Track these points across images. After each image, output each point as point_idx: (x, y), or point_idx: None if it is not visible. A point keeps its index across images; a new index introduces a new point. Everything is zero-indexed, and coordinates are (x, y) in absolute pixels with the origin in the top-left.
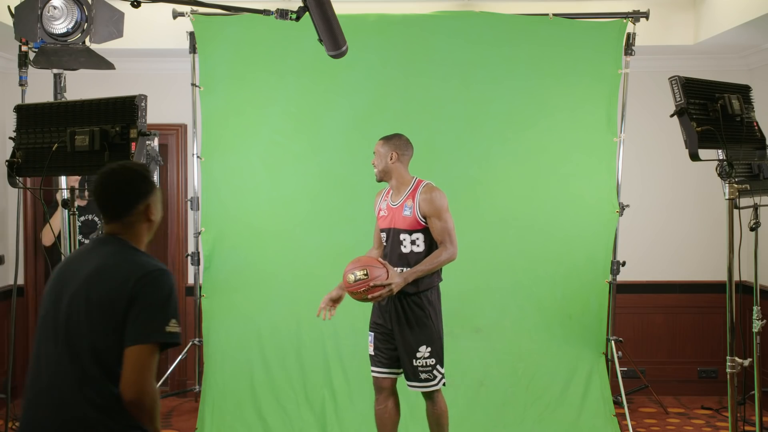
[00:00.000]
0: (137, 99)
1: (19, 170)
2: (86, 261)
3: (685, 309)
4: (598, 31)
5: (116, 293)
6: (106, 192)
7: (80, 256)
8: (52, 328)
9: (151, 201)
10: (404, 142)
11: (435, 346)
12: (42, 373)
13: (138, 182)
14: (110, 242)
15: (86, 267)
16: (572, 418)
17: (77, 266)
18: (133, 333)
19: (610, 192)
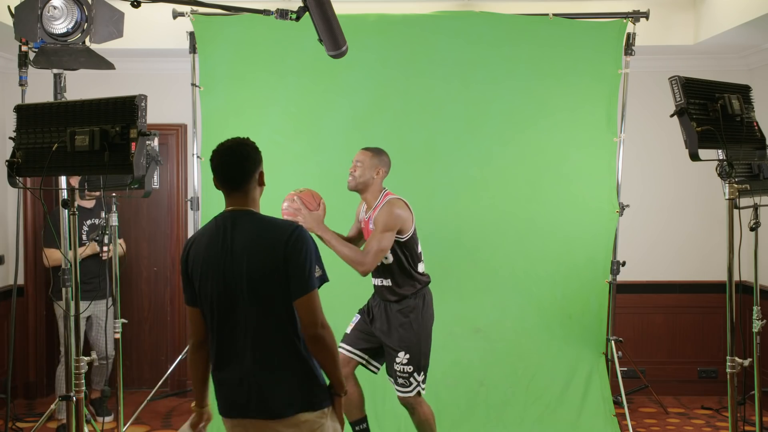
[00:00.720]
0: (137, 99)
1: (19, 170)
2: (232, 239)
3: (685, 309)
4: (598, 31)
5: (282, 254)
6: (230, 166)
7: (219, 235)
8: (230, 304)
9: (262, 168)
10: (389, 159)
11: (414, 353)
12: (233, 346)
13: (253, 153)
14: (241, 216)
15: (237, 244)
16: (572, 418)
17: (225, 246)
18: (300, 286)
19: (610, 192)
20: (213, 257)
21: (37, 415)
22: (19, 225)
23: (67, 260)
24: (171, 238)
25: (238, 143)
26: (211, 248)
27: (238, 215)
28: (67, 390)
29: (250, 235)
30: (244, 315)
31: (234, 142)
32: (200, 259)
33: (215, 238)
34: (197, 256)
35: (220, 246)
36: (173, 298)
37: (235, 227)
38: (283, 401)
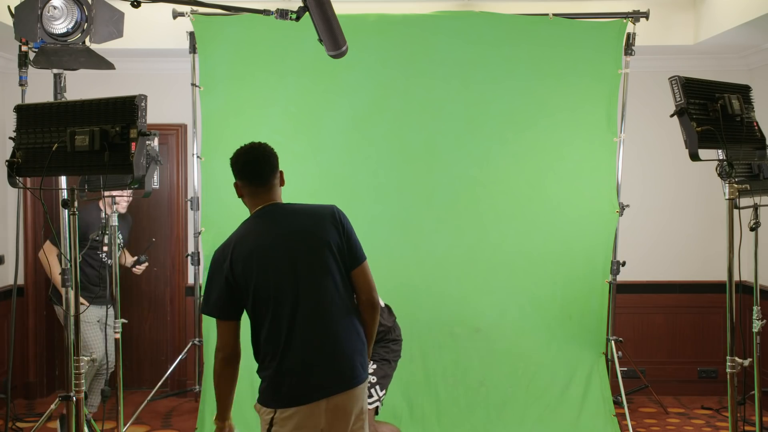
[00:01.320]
0: (137, 99)
1: (19, 170)
2: (283, 227)
3: (685, 309)
4: (598, 31)
5: (335, 231)
6: (256, 162)
7: (266, 229)
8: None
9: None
10: None
11: (382, 366)
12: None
13: (273, 152)
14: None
15: (290, 229)
16: (572, 418)
17: (278, 235)
18: (356, 255)
19: (610, 192)
20: (269, 249)
21: (37, 415)
22: (19, 225)
23: (68, 260)
24: (171, 238)
25: (258, 143)
26: (262, 243)
27: (274, 208)
28: (67, 390)
29: (299, 219)
30: (312, 295)
31: (254, 143)
32: (253, 257)
33: (263, 234)
34: (246, 256)
35: (272, 237)
36: (173, 298)
37: (277, 217)
38: (362, 366)
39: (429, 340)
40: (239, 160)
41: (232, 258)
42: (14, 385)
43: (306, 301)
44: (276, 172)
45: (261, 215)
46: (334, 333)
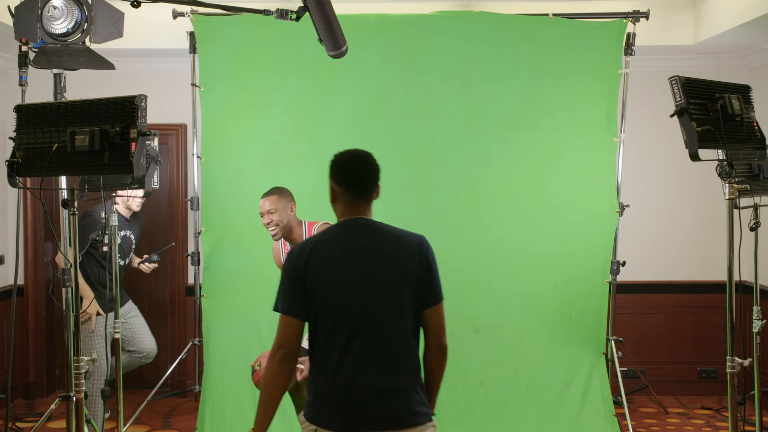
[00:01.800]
0: (137, 99)
1: (19, 170)
2: (371, 244)
3: (685, 309)
4: (598, 31)
5: (418, 263)
6: (364, 174)
7: (353, 241)
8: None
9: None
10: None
11: None
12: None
13: (378, 168)
14: (371, 224)
15: (378, 249)
16: (572, 418)
17: (364, 251)
18: (435, 294)
19: (610, 192)
20: (348, 263)
21: (37, 415)
22: (19, 225)
23: (68, 260)
24: (171, 238)
25: (366, 153)
26: (342, 254)
27: (364, 222)
28: (67, 390)
29: (385, 241)
30: (378, 321)
31: (362, 151)
32: (329, 265)
33: (346, 245)
34: (322, 262)
35: (354, 251)
36: (173, 298)
37: (364, 233)
38: (420, 408)
39: None
40: (346, 168)
41: (308, 259)
42: (14, 385)
43: (370, 326)
44: (377, 187)
45: (349, 226)
46: (392, 367)
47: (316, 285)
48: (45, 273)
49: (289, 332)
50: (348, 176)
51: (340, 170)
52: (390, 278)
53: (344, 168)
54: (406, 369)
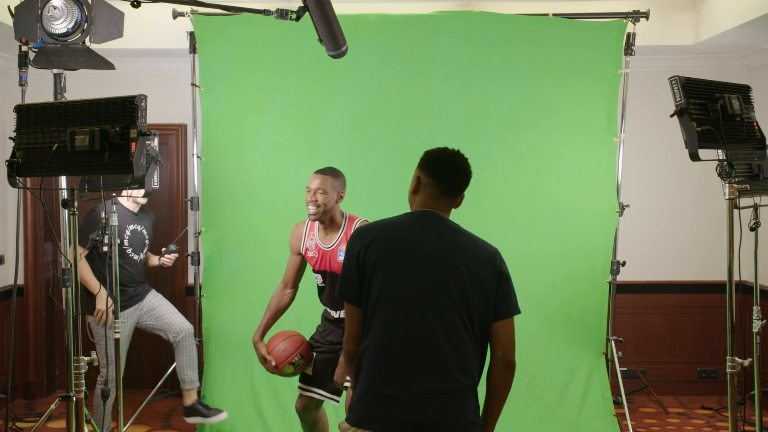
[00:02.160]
0: (137, 99)
1: (19, 170)
2: (446, 241)
3: (685, 309)
4: (598, 31)
5: (489, 272)
6: (460, 172)
7: (419, 230)
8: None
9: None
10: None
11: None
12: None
13: (471, 173)
14: (442, 219)
15: (452, 249)
16: (572, 418)
17: (438, 246)
18: (506, 307)
19: (610, 192)
20: (415, 252)
21: (37, 415)
22: (19, 225)
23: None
24: (171, 238)
25: (464, 156)
26: (411, 241)
27: (441, 218)
28: (67, 390)
29: (462, 240)
30: (443, 324)
31: (459, 152)
32: (394, 250)
33: (417, 233)
34: (386, 245)
35: (424, 242)
36: (173, 298)
37: (438, 227)
38: (475, 419)
39: None
40: (441, 160)
41: (371, 240)
42: (14, 385)
43: (434, 331)
44: (462, 191)
45: (425, 217)
46: (457, 375)
47: (374, 270)
48: (45, 273)
49: (352, 325)
50: (443, 169)
51: (435, 159)
52: (453, 278)
53: (440, 158)
54: (470, 375)
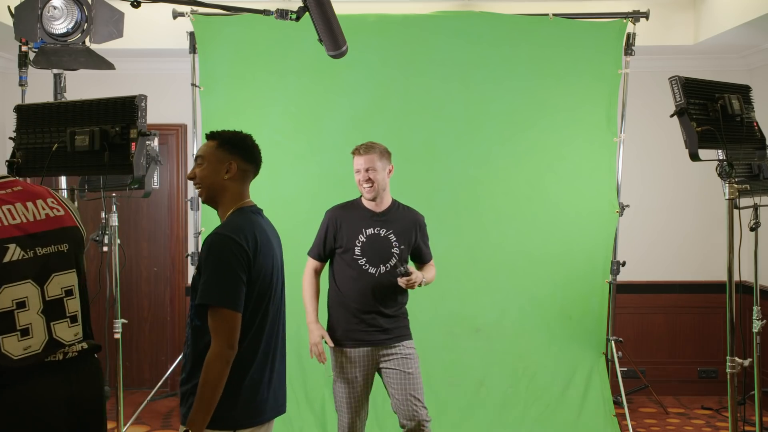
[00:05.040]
0: (137, 99)
1: (19, 170)
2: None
3: (685, 309)
4: (598, 31)
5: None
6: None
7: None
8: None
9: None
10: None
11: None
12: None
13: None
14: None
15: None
16: (572, 418)
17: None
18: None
19: (610, 192)
20: (276, 255)
21: None
22: None
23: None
24: (171, 238)
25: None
26: (273, 245)
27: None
28: None
29: (274, 229)
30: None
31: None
32: (271, 257)
33: (271, 234)
34: (267, 255)
35: (276, 242)
36: (173, 298)
37: (267, 222)
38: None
39: (428, 340)
40: (255, 144)
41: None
42: None
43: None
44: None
45: (257, 212)
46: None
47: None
48: None
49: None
50: (255, 149)
51: (251, 146)
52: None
53: (248, 140)
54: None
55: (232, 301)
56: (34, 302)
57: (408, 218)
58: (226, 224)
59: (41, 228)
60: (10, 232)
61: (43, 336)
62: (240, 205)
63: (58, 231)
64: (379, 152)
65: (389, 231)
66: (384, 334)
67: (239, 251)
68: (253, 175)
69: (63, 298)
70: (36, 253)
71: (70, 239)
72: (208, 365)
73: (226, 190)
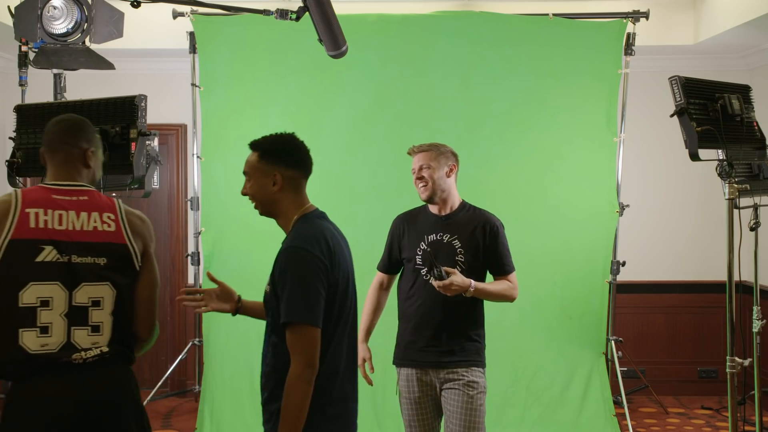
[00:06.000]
0: (137, 99)
1: (19, 170)
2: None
3: (685, 309)
4: (598, 31)
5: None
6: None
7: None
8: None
9: None
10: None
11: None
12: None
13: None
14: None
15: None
16: (572, 418)
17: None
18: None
19: (610, 192)
20: (347, 260)
21: None
22: None
23: None
24: (171, 238)
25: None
26: (344, 250)
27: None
28: None
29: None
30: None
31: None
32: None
33: (340, 239)
34: (341, 262)
35: (346, 246)
36: (173, 298)
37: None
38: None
39: None
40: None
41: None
42: None
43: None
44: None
45: (322, 217)
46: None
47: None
48: None
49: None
50: (306, 156)
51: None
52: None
53: (300, 148)
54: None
55: (311, 316)
56: (59, 304)
57: (477, 221)
58: (296, 235)
59: (85, 239)
60: (52, 235)
61: (62, 338)
62: (302, 212)
63: (100, 245)
64: (434, 150)
65: (453, 236)
66: (445, 356)
67: (316, 263)
68: (304, 178)
69: (88, 307)
70: (71, 260)
71: (111, 255)
72: (288, 388)
73: (279, 203)
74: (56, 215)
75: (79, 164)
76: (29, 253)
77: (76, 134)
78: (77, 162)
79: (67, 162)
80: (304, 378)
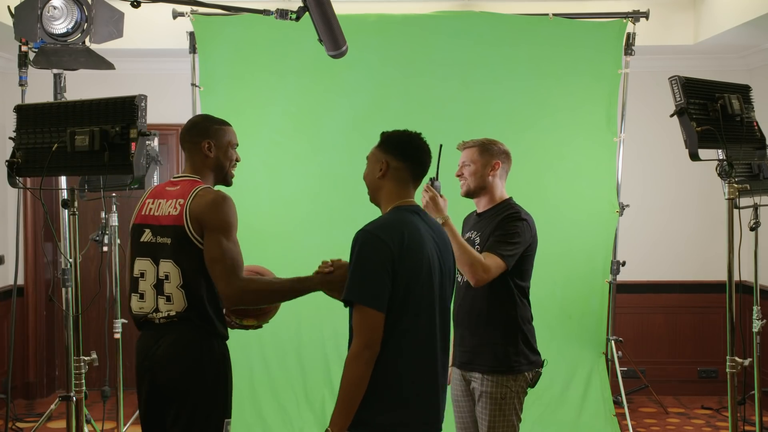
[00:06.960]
0: (137, 99)
1: (19, 170)
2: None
3: (685, 309)
4: (598, 31)
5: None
6: (430, 154)
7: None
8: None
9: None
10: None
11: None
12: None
13: None
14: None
15: (443, 240)
16: (572, 418)
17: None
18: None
19: (610, 192)
20: (433, 255)
21: (37, 415)
22: (19, 225)
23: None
24: None
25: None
26: (428, 245)
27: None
28: (68, 390)
29: (439, 231)
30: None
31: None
32: (423, 257)
33: (426, 235)
34: (417, 254)
35: (433, 242)
36: None
37: (428, 223)
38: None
39: None
40: (415, 143)
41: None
42: (14, 385)
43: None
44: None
45: (416, 214)
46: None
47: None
48: (45, 273)
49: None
50: (417, 150)
51: (408, 142)
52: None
53: (413, 141)
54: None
55: (372, 298)
56: (150, 277)
57: (501, 215)
58: (376, 221)
59: (163, 222)
60: (150, 220)
61: (153, 304)
62: (399, 203)
63: (168, 227)
64: (479, 147)
65: (479, 233)
66: (466, 356)
67: (382, 248)
68: (410, 174)
69: (163, 281)
70: (156, 240)
71: (172, 235)
72: (347, 365)
73: (381, 189)
74: (157, 204)
75: (196, 156)
76: (137, 235)
77: (190, 130)
78: (194, 155)
79: (190, 156)
80: (361, 358)
